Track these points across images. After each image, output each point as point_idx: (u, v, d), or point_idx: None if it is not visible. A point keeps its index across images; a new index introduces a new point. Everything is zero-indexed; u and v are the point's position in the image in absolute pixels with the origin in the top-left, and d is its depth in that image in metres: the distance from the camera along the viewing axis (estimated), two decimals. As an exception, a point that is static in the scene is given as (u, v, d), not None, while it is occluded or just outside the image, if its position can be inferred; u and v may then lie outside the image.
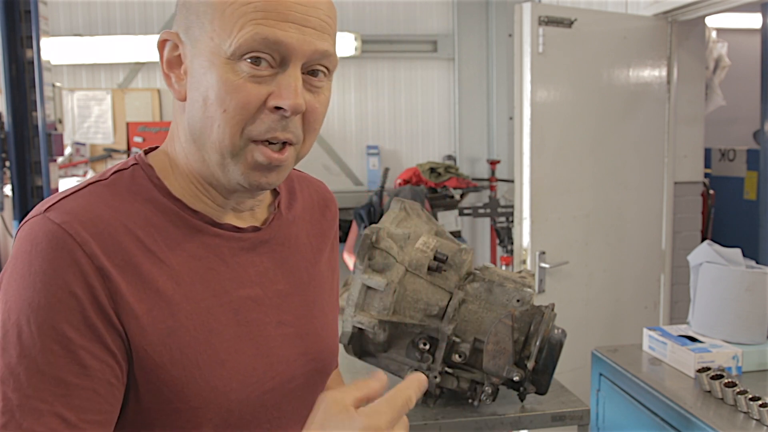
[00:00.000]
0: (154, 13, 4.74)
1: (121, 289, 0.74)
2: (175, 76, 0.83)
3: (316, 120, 0.81)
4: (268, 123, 0.77)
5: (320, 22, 0.78)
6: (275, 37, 0.74)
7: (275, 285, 0.90)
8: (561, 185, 2.89)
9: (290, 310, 0.92)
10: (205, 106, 0.77)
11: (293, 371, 0.90)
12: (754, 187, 3.91)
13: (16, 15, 2.41)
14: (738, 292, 1.83)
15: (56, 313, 0.71)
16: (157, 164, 0.85)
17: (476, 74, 5.09)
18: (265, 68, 0.76)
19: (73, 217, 0.74)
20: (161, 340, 0.77)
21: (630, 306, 3.16)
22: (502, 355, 1.55)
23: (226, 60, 0.75)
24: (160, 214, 0.81)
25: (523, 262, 2.86)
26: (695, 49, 3.23)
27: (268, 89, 0.76)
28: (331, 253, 1.04)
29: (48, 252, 0.72)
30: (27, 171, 2.45)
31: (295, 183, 1.01)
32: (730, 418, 1.51)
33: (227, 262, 0.85)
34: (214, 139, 0.78)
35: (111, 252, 0.74)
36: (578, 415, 1.66)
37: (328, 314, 0.99)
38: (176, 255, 0.81)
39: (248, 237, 0.88)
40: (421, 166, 4.58)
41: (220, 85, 0.76)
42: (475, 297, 1.61)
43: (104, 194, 0.79)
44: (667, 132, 3.16)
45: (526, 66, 2.75)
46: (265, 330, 0.88)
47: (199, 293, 0.81)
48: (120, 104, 4.67)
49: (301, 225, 0.98)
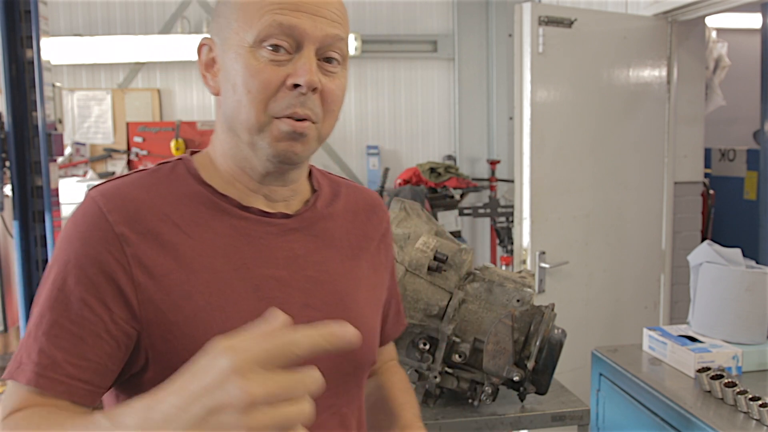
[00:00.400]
0: (154, 13, 4.74)
1: (140, 252, 0.84)
2: (210, 75, 0.94)
3: (333, 101, 0.90)
4: (288, 100, 0.85)
5: (331, 13, 0.87)
6: (289, 22, 0.84)
7: (304, 271, 0.94)
8: (561, 185, 2.89)
9: (319, 296, 0.94)
10: (234, 92, 0.87)
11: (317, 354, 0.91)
12: (754, 187, 3.91)
13: (16, 15, 2.40)
14: (738, 292, 1.83)
15: (68, 266, 0.83)
16: (198, 160, 0.96)
17: (476, 74, 5.09)
18: (283, 54, 0.86)
19: (106, 193, 0.87)
20: (177, 302, 0.84)
21: (630, 306, 3.16)
22: (502, 355, 1.55)
23: (249, 48, 0.86)
24: (191, 195, 0.91)
25: (523, 262, 2.86)
26: (695, 49, 3.23)
27: (287, 71, 0.85)
28: (376, 255, 1.07)
29: (80, 219, 0.86)
30: (27, 171, 2.45)
31: (342, 188, 1.07)
32: (730, 418, 1.51)
33: (253, 243, 0.91)
34: (243, 119, 0.87)
35: (133, 221, 0.85)
36: (578, 415, 1.66)
37: (364, 308, 1.01)
38: (201, 230, 0.89)
39: (277, 222, 0.94)
40: (421, 166, 4.58)
41: (244, 71, 0.86)
42: (475, 297, 1.61)
43: (143, 178, 0.91)
44: (667, 132, 3.16)
45: (526, 66, 2.75)
46: (288, 309, 0.88)
47: (219, 265, 0.88)
48: (120, 104, 4.67)
49: (339, 222, 1.02)
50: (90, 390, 0.82)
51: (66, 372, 0.79)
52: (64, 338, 0.80)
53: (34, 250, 2.47)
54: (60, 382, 0.79)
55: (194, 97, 4.83)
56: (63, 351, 0.80)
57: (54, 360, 0.79)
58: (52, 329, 0.80)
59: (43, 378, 0.79)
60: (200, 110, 4.82)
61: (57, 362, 0.79)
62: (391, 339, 1.19)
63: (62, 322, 0.81)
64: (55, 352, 0.80)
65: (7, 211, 2.53)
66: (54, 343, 0.80)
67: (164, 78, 4.79)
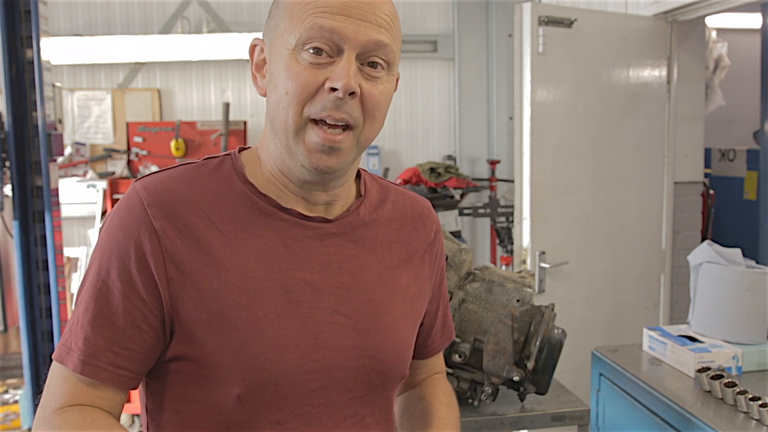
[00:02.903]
0: (154, 13, 4.74)
1: (175, 247, 0.86)
2: (260, 76, 0.94)
3: (375, 107, 0.88)
4: (324, 102, 0.85)
5: (377, 18, 0.86)
6: (330, 26, 0.84)
7: (338, 277, 0.93)
8: (561, 185, 2.89)
9: (350, 304, 0.94)
10: (276, 93, 0.88)
11: (343, 361, 0.92)
12: (754, 187, 3.91)
13: (16, 15, 2.40)
14: (738, 292, 1.83)
15: (111, 258, 0.87)
16: (246, 157, 0.96)
17: (476, 74, 5.08)
18: (324, 57, 0.85)
19: (149, 186, 0.89)
20: (205, 298, 0.86)
21: (630, 306, 3.16)
22: (502, 355, 1.55)
23: (291, 51, 0.86)
24: (231, 193, 0.91)
25: (523, 262, 2.86)
26: (695, 49, 3.23)
27: (326, 74, 0.85)
28: (420, 266, 1.04)
29: (123, 210, 0.89)
30: (27, 171, 2.45)
31: (390, 193, 1.05)
32: (730, 418, 1.51)
33: (288, 246, 0.91)
34: (281, 120, 0.87)
35: (172, 216, 0.87)
36: (578, 415, 1.66)
37: (398, 320, 0.98)
38: (237, 229, 0.90)
39: (315, 226, 0.93)
40: (421, 166, 4.58)
41: (285, 72, 0.86)
42: (475, 297, 1.61)
43: (188, 173, 0.93)
44: (667, 132, 3.16)
45: (526, 66, 2.75)
46: (317, 314, 0.91)
47: (251, 265, 0.89)
48: (120, 104, 4.67)
49: (381, 229, 1.00)
50: (131, 377, 0.87)
51: (109, 361, 0.85)
52: (107, 329, 0.85)
53: (34, 250, 2.47)
54: (103, 370, 0.85)
55: (194, 97, 4.83)
56: (106, 341, 0.85)
57: (98, 349, 0.85)
58: (97, 319, 0.86)
59: (89, 366, 0.85)
60: (200, 110, 4.82)
61: (101, 351, 0.85)
62: (439, 351, 1.16)
63: (106, 313, 0.86)
64: (100, 341, 0.85)
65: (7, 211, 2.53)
66: (98, 333, 0.85)
67: (164, 78, 4.79)
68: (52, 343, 2.52)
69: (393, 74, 0.91)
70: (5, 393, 3.13)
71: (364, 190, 1.01)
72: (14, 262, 2.52)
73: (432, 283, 1.08)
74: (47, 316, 2.50)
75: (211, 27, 4.70)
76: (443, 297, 1.14)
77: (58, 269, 2.47)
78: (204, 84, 4.83)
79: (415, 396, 1.12)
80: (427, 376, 1.16)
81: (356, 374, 0.93)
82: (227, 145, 4.54)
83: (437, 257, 1.09)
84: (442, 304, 1.13)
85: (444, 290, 1.14)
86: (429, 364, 1.16)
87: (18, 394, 3.02)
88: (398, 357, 0.98)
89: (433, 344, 1.13)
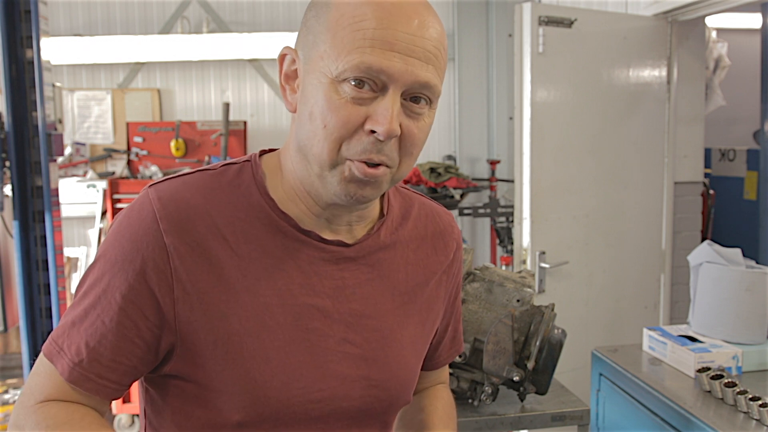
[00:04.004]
0: (154, 13, 4.74)
1: (185, 266, 0.83)
2: (289, 89, 0.88)
3: (413, 144, 0.84)
4: (364, 144, 0.81)
5: (426, 52, 0.80)
6: (379, 66, 0.78)
7: (350, 303, 0.91)
8: (561, 185, 2.89)
9: (360, 332, 0.91)
10: (310, 121, 0.82)
11: (348, 391, 0.90)
12: (754, 187, 3.91)
13: (16, 15, 2.40)
14: (738, 292, 1.83)
15: (115, 267, 0.83)
16: (267, 165, 0.91)
17: (476, 74, 5.08)
18: (367, 91, 0.80)
19: (163, 196, 0.85)
20: (211, 322, 0.84)
21: (630, 306, 3.16)
22: (502, 355, 1.55)
23: (331, 80, 0.80)
24: (249, 208, 0.87)
25: (523, 262, 2.86)
26: (695, 49, 3.23)
27: (368, 111, 0.80)
28: (435, 289, 1.01)
29: (134, 219, 0.85)
30: (27, 171, 2.45)
31: (414, 208, 1.01)
32: (730, 418, 1.51)
33: (302, 268, 0.88)
34: (315, 152, 0.82)
35: (184, 232, 0.83)
36: (578, 415, 1.66)
37: (407, 347, 0.96)
38: (251, 248, 0.86)
39: (332, 249, 0.90)
40: (421, 166, 4.58)
41: (323, 103, 0.80)
42: (475, 297, 1.61)
43: (205, 182, 0.88)
44: (667, 132, 3.16)
45: (526, 66, 2.75)
46: (325, 342, 0.89)
47: (262, 289, 0.86)
48: (120, 104, 4.67)
49: (400, 251, 0.97)
50: (116, 389, 0.86)
51: (96, 372, 0.84)
52: (100, 338, 0.84)
53: (34, 250, 2.47)
54: (89, 380, 0.84)
55: (194, 97, 4.83)
56: (96, 353, 0.84)
57: (88, 359, 0.84)
58: (92, 327, 0.84)
59: (76, 373, 0.84)
60: (200, 110, 4.82)
61: (90, 361, 0.83)
62: (446, 363, 1.15)
63: (101, 322, 0.84)
64: (90, 351, 0.84)
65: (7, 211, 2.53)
66: (91, 342, 0.84)
67: (164, 78, 4.79)
68: (52, 343, 2.52)
69: (434, 108, 0.86)
70: (5, 393, 3.13)
71: (387, 208, 0.97)
72: (14, 262, 2.52)
73: (445, 303, 1.06)
74: (47, 316, 2.50)
75: (211, 27, 4.70)
76: (456, 311, 1.11)
77: (58, 269, 2.47)
78: (204, 84, 4.83)
79: (415, 407, 1.11)
80: (429, 386, 1.15)
81: (360, 404, 0.92)
82: (227, 145, 4.54)
83: (454, 276, 1.06)
84: (454, 318, 1.11)
85: (458, 305, 1.11)
86: (433, 375, 1.15)
87: (18, 394, 3.02)
88: (404, 385, 0.97)
89: (440, 357, 1.12)
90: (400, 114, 0.81)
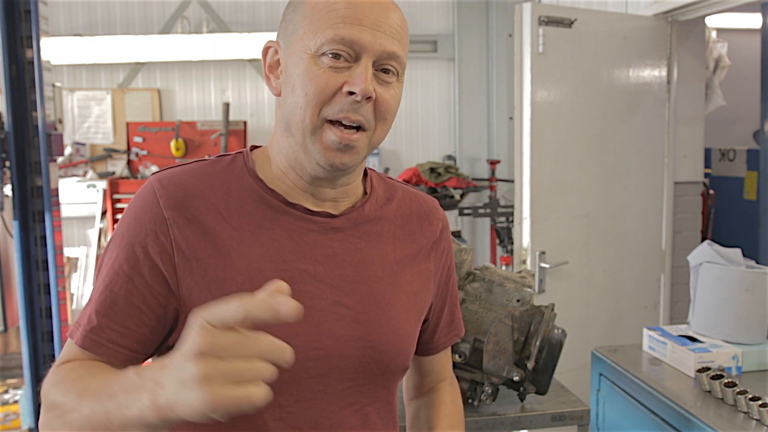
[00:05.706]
0: (154, 13, 4.74)
1: (183, 235, 0.91)
2: (273, 76, 0.99)
3: (387, 110, 0.94)
4: (342, 105, 0.90)
5: (391, 28, 0.92)
6: (351, 37, 0.89)
7: (340, 269, 0.97)
8: (561, 185, 2.89)
9: (352, 296, 0.97)
10: (293, 94, 0.92)
11: (343, 350, 0.95)
12: (754, 187, 3.91)
13: (16, 15, 2.40)
14: (738, 292, 1.83)
15: (122, 243, 0.92)
16: (257, 155, 1.02)
17: (476, 74, 5.09)
18: (342, 62, 0.90)
19: (163, 179, 0.95)
20: (210, 285, 0.90)
21: (630, 306, 3.16)
22: (502, 355, 1.55)
23: (311, 55, 0.91)
24: (241, 188, 0.97)
25: (523, 262, 2.86)
26: (695, 49, 3.23)
27: (344, 78, 0.90)
28: (424, 262, 1.07)
29: (138, 200, 0.95)
30: (27, 171, 2.45)
31: (398, 192, 1.09)
32: (730, 418, 1.51)
33: (293, 239, 0.95)
34: (298, 120, 0.92)
35: (182, 207, 0.92)
36: (578, 415, 1.66)
37: (401, 313, 1.01)
38: (243, 221, 0.94)
39: (319, 220, 0.97)
40: (421, 166, 4.58)
41: (304, 75, 0.90)
42: (475, 297, 1.61)
43: (201, 168, 0.98)
44: (667, 132, 3.16)
45: (526, 66, 2.75)
46: (318, 304, 0.94)
47: (255, 255, 0.93)
48: (120, 104, 4.67)
49: (386, 225, 1.04)
50: (128, 355, 0.91)
51: (107, 337, 0.90)
52: (109, 307, 0.91)
53: (34, 250, 2.47)
54: (101, 345, 0.90)
55: (194, 97, 4.84)
56: (107, 318, 0.90)
57: (99, 325, 0.90)
58: (102, 296, 0.91)
59: (88, 339, 0.90)
60: (200, 110, 4.83)
61: (101, 327, 0.90)
62: (444, 347, 1.18)
63: (110, 291, 0.91)
64: (101, 319, 0.90)
65: (7, 211, 2.53)
66: (101, 311, 0.91)
67: (164, 78, 4.79)
68: (52, 343, 2.52)
69: (401, 81, 0.96)
70: (5, 393, 3.13)
71: (371, 188, 1.05)
72: (14, 262, 2.52)
73: (437, 279, 1.10)
74: (47, 316, 2.50)
75: (211, 27, 4.70)
76: (451, 294, 1.16)
77: (58, 269, 2.47)
78: (204, 84, 4.83)
79: (424, 409, 1.17)
80: (435, 382, 1.19)
81: (357, 364, 0.96)
82: (227, 145, 4.55)
83: (444, 254, 1.11)
84: (450, 301, 1.15)
85: (452, 288, 1.16)
86: (437, 368, 1.19)
87: (18, 394, 3.02)
88: (399, 349, 1.01)
89: (439, 341, 1.15)
90: (373, 81, 0.91)
